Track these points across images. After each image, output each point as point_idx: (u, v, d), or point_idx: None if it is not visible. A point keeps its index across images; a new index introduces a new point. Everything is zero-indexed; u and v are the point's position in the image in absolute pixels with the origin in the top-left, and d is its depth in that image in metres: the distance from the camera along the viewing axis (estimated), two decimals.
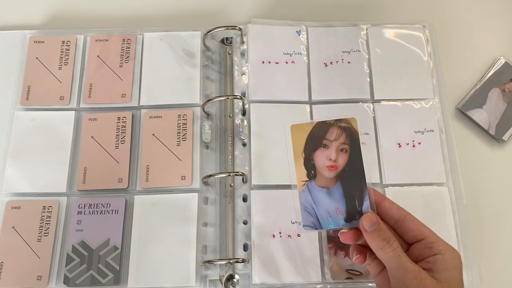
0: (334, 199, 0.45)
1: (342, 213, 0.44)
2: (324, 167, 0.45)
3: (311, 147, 0.46)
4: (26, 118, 0.62)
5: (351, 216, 0.44)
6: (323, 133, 0.46)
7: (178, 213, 0.57)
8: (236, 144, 0.61)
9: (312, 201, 0.45)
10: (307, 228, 0.45)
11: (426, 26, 0.67)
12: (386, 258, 0.42)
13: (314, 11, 0.71)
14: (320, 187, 0.45)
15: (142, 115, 0.62)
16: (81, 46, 0.66)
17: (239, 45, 0.66)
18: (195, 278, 0.54)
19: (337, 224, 0.45)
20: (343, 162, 0.45)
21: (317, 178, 0.46)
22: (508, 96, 0.65)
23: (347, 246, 0.56)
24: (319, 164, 0.46)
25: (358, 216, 0.44)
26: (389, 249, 0.42)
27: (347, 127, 0.46)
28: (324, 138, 0.46)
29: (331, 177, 0.45)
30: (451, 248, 0.43)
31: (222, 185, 0.60)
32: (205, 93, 0.64)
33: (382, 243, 0.42)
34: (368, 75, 0.64)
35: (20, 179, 0.59)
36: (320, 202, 0.45)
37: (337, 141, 0.46)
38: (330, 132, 0.46)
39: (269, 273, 0.55)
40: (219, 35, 0.67)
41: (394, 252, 0.42)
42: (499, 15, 0.71)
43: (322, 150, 0.46)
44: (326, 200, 0.45)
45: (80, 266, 0.55)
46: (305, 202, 0.45)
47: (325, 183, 0.45)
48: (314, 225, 0.45)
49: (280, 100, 0.63)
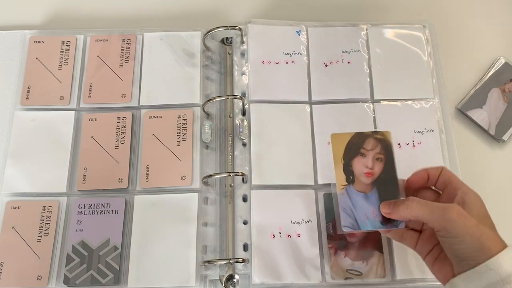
0: (371, 203, 0.50)
1: (378, 216, 0.49)
2: (362, 173, 0.51)
3: (350, 155, 0.51)
4: (26, 118, 0.62)
5: (386, 219, 0.49)
6: (361, 143, 0.52)
7: (178, 213, 0.57)
8: (236, 144, 0.61)
9: (351, 204, 0.50)
10: (346, 228, 0.50)
11: (426, 26, 0.67)
12: (418, 211, 0.45)
13: (314, 11, 0.71)
14: (358, 192, 0.50)
15: (142, 115, 0.62)
16: (81, 46, 0.66)
17: (239, 45, 0.66)
18: (195, 278, 0.54)
19: (374, 226, 0.49)
20: (379, 170, 0.51)
21: (355, 183, 0.51)
22: (508, 96, 0.65)
23: (347, 246, 0.56)
24: (357, 171, 0.51)
25: (393, 220, 0.48)
26: (413, 202, 0.45)
27: (382, 139, 0.52)
28: (362, 147, 0.52)
29: (368, 183, 0.51)
30: (472, 190, 0.46)
31: (222, 185, 0.60)
32: (205, 93, 0.64)
33: (404, 206, 0.46)
34: (368, 75, 0.64)
35: (20, 179, 0.59)
36: (358, 205, 0.50)
37: (373, 151, 0.51)
38: (367, 142, 0.52)
39: (269, 273, 0.55)
40: (219, 35, 0.66)
41: (418, 201, 0.45)
42: (499, 15, 0.71)
43: (360, 158, 0.51)
44: (363, 203, 0.50)
45: (80, 266, 0.55)
46: (345, 204, 0.50)
47: (363, 188, 0.50)
48: (352, 226, 0.50)
49: (280, 100, 0.63)
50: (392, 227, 0.49)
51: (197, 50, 0.65)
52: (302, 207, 0.58)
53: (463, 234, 0.42)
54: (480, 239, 0.42)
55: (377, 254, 0.56)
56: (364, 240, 0.56)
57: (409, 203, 0.45)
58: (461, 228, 0.42)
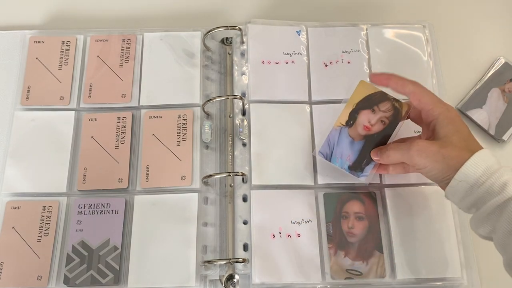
0: (352, 150, 0.55)
1: (350, 161, 0.55)
2: (362, 124, 0.56)
3: (363, 105, 0.56)
4: (26, 118, 0.62)
5: (355, 167, 0.55)
6: (378, 101, 0.56)
7: (178, 213, 0.57)
8: (236, 144, 0.61)
9: (336, 140, 0.56)
10: (320, 154, 0.56)
11: (426, 26, 0.67)
12: (394, 155, 0.52)
13: (314, 11, 0.71)
14: (348, 135, 0.56)
15: (142, 115, 0.62)
16: (81, 46, 0.66)
17: (239, 45, 0.66)
18: (195, 278, 0.54)
19: (342, 166, 0.56)
20: (377, 130, 0.55)
21: (352, 128, 0.56)
22: (508, 96, 0.65)
23: (347, 246, 0.56)
24: (360, 120, 0.56)
25: (359, 170, 0.55)
26: (389, 150, 0.52)
27: (397, 108, 0.55)
28: (377, 105, 0.56)
29: (362, 134, 0.55)
30: (445, 109, 0.50)
31: (222, 185, 0.60)
32: (205, 93, 0.64)
33: (385, 155, 0.53)
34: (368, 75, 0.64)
35: (20, 179, 0.59)
36: (341, 145, 0.56)
37: (383, 113, 0.55)
38: (384, 104, 0.56)
39: (269, 273, 0.55)
40: (219, 35, 0.66)
41: (392, 147, 0.52)
42: (499, 15, 0.71)
43: (369, 112, 0.56)
44: (346, 146, 0.56)
45: (80, 266, 0.55)
46: (332, 138, 0.56)
47: (354, 135, 0.56)
48: (326, 155, 0.56)
49: (280, 100, 0.63)
50: (354, 175, 0.55)
51: (197, 50, 0.65)
52: (302, 207, 0.58)
53: (427, 164, 0.48)
54: (444, 162, 0.48)
55: (377, 254, 0.56)
56: (364, 240, 0.57)
57: (387, 151, 0.52)
58: (424, 159, 0.48)
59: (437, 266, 0.55)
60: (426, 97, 0.52)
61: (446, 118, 0.50)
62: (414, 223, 0.57)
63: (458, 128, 0.50)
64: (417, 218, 0.57)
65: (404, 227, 0.57)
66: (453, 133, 0.49)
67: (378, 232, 0.57)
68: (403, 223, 0.57)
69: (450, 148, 0.48)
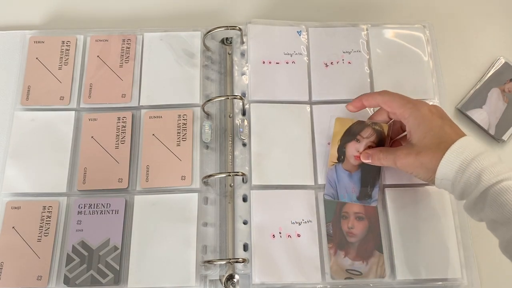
0: (353, 181, 0.58)
1: (356, 192, 0.58)
2: (352, 156, 0.58)
3: (347, 138, 0.58)
4: (26, 118, 0.62)
5: (362, 196, 0.58)
6: (359, 130, 0.58)
7: (178, 213, 0.57)
8: (236, 144, 0.61)
9: (336, 178, 0.58)
10: (327, 196, 0.58)
11: (426, 26, 0.67)
12: (384, 159, 0.54)
13: (314, 11, 0.71)
14: (344, 170, 0.58)
15: (142, 115, 0.62)
16: (81, 46, 0.66)
17: (239, 45, 0.66)
18: (195, 278, 0.54)
19: (351, 199, 0.58)
20: None
21: (345, 162, 0.58)
22: (508, 96, 0.65)
23: (347, 246, 0.56)
24: (349, 153, 0.58)
25: (368, 198, 0.57)
26: (379, 153, 0.55)
27: (378, 130, 0.57)
28: (359, 134, 0.58)
29: (355, 164, 0.58)
30: (415, 109, 0.52)
31: (222, 185, 0.60)
32: (205, 93, 0.64)
33: (375, 159, 0.56)
34: (369, 76, 0.64)
35: (20, 179, 0.59)
36: (341, 181, 0.58)
37: (368, 139, 0.58)
38: (365, 131, 0.58)
39: (269, 273, 0.55)
40: (219, 35, 0.66)
41: (380, 151, 0.55)
42: (499, 15, 0.71)
43: (354, 143, 0.58)
44: (346, 180, 0.58)
45: (80, 266, 0.55)
46: (330, 177, 0.58)
47: (349, 168, 0.58)
48: (333, 195, 0.58)
49: (280, 100, 0.63)
50: (365, 204, 0.57)
51: (197, 50, 0.65)
52: (302, 207, 0.58)
53: (411, 171, 0.52)
54: (423, 167, 0.50)
55: (377, 254, 0.56)
56: (364, 240, 0.57)
57: (378, 156, 0.55)
58: (407, 169, 0.52)
59: (437, 266, 0.55)
60: (394, 102, 0.54)
61: (416, 118, 0.52)
62: (414, 223, 0.57)
63: (430, 126, 0.51)
64: (417, 218, 0.57)
65: (404, 227, 0.57)
66: (425, 134, 0.51)
67: (378, 232, 0.57)
68: (403, 223, 0.57)
69: (425, 153, 0.50)
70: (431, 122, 0.51)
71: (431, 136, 0.50)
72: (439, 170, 0.49)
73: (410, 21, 0.67)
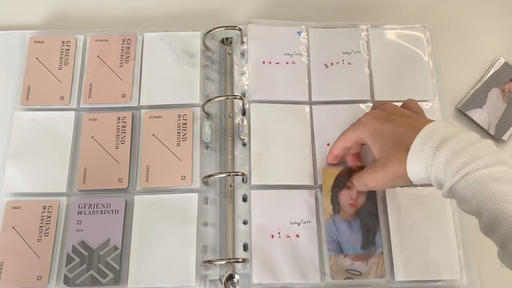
0: (354, 230, 0.56)
1: (359, 242, 0.55)
2: (347, 204, 0.57)
3: (337, 187, 0.57)
4: (26, 118, 0.62)
5: (366, 244, 0.55)
6: (348, 176, 0.57)
7: (178, 213, 0.57)
8: (236, 144, 0.61)
9: (336, 231, 0.56)
10: (331, 252, 0.55)
11: (426, 26, 0.67)
12: (370, 180, 0.52)
13: (314, 11, 0.71)
14: (343, 220, 0.56)
15: (142, 115, 0.62)
16: (81, 46, 0.66)
17: (239, 45, 0.66)
18: (195, 278, 0.54)
19: (355, 250, 0.55)
20: (362, 202, 0.57)
21: (341, 212, 0.56)
22: (508, 96, 0.65)
23: None
24: (343, 202, 0.57)
25: (372, 245, 0.55)
26: (360, 178, 0.54)
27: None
28: (348, 181, 0.57)
29: (352, 213, 0.56)
30: (362, 125, 0.52)
31: (222, 185, 0.60)
32: (205, 93, 0.64)
33: (359, 184, 0.55)
34: (369, 76, 0.64)
35: (20, 179, 0.59)
36: (342, 232, 0.56)
37: None
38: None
39: (269, 273, 0.55)
40: (219, 35, 0.66)
41: (365, 173, 0.53)
42: (499, 15, 0.71)
43: (346, 190, 0.57)
44: (347, 230, 0.56)
45: (80, 266, 0.55)
46: (330, 231, 0.56)
47: (347, 217, 0.56)
48: (337, 249, 0.55)
49: (280, 100, 0.63)
50: (371, 252, 0.55)
51: (197, 50, 0.65)
52: (302, 207, 0.58)
53: (389, 185, 0.53)
54: (396, 177, 0.49)
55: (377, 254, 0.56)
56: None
57: (360, 181, 0.53)
58: (383, 185, 0.52)
59: (437, 267, 0.55)
60: (348, 134, 0.54)
61: (367, 131, 0.51)
62: (413, 224, 0.57)
63: (381, 133, 0.49)
64: (417, 219, 0.57)
65: (404, 228, 0.57)
66: (382, 143, 0.49)
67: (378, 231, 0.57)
68: (402, 224, 0.57)
69: (390, 162, 0.48)
70: (381, 128, 0.49)
71: (388, 143, 0.48)
72: (409, 174, 0.47)
73: (410, 21, 0.67)
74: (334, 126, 0.61)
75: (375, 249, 0.55)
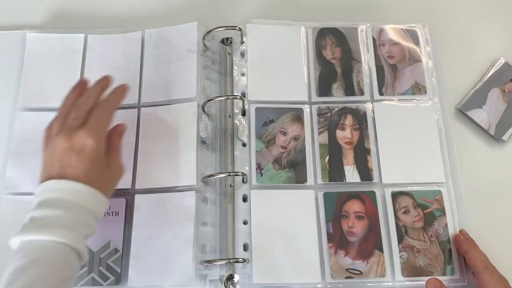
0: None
1: None
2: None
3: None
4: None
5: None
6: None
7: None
8: (236, 144, 0.61)
9: None
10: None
11: (426, 26, 0.67)
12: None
13: (314, 11, 0.71)
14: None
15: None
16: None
17: (239, 45, 0.66)
18: (195, 278, 0.54)
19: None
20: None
21: None
22: (508, 96, 0.65)
23: (347, 246, 0.56)
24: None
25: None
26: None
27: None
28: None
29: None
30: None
31: (222, 185, 0.60)
32: (205, 93, 0.64)
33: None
34: (368, 76, 0.64)
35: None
36: None
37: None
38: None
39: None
40: (219, 35, 0.66)
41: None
42: (499, 15, 0.71)
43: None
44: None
45: (81, 269, 0.55)
46: None
47: None
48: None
49: (280, 101, 0.63)
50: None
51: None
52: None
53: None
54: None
55: (377, 253, 0.56)
56: (364, 239, 0.57)
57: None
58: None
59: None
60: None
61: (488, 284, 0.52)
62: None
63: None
64: None
65: None
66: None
67: (378, 231, 0.57)
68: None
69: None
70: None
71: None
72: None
73: (410, 21, 0.67)
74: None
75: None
